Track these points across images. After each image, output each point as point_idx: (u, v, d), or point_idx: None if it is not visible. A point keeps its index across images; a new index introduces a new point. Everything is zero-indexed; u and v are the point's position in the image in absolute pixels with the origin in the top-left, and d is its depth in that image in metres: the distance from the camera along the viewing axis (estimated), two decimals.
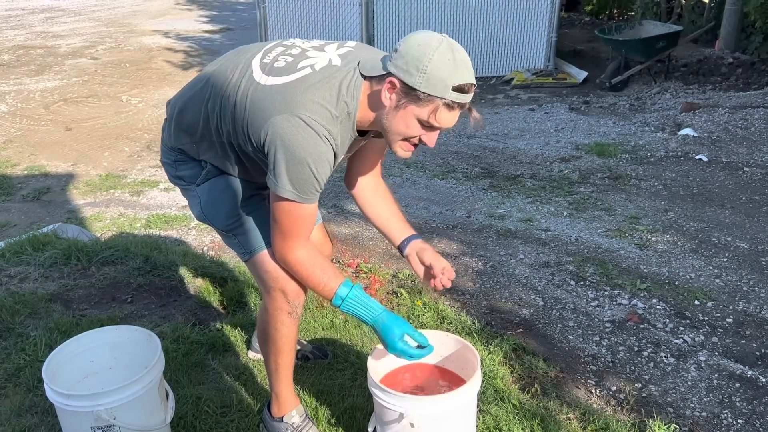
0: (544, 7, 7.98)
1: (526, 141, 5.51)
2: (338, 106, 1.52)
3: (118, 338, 1.90)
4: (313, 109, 1.49)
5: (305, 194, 1.53)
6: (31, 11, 12.91)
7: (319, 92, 1.51)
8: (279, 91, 1.52)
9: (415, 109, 1.47)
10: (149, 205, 4.24)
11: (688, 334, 2.55)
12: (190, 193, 1.82)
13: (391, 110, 1.50)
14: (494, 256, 3.24)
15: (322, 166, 1.51)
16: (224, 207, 1.76)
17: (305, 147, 1.48)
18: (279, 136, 1.48)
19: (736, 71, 7.42)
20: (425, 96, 1.45)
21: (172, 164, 1.80)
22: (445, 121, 1.49)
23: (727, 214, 3.77)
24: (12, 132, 5.89)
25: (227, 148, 1.66)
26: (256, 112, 1.53)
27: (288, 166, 1.49)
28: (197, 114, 1.68)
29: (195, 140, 1.71)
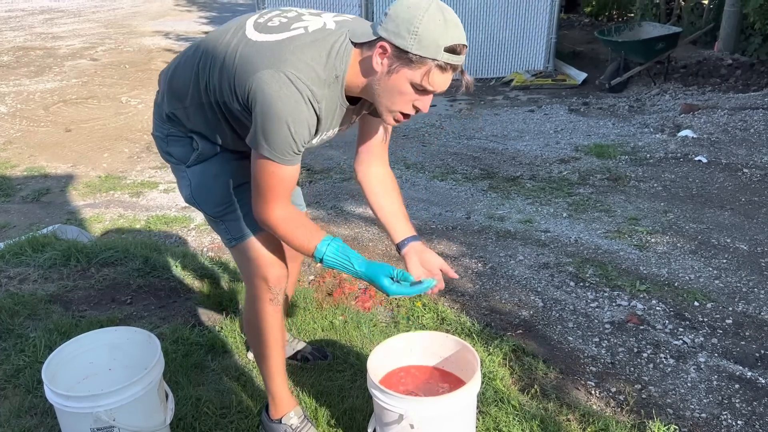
0: (543, 8, 7.98)
1: (526, 142, 5.51)
2: (326, 68, 1.49)
3: (117, 339, 1.90)
4: (300, 68, 1.46)
5: (282, 154, 1.50)
6: (31, 12, 12.91)
7: (308, 52, 1.49)
8: (269, 47, 1.51)
9: (408, 73, 1.45)
10: (149, 206, 4.24)
11: (688, 335, 2.55)
12: (180, 173, 1.80)
13: (383, 76, 1.47)
14: (494, 258, 3.24)
15: (301, 127, 1.48)
16: (215, 193, 1.76)
17: (286, 105, 1.45)
18: (262, 91, 1.46)
19: (736, 73, 7.43)
20: (417, 58, 1.42)
21: (164, 139, 1.78)
22: (439, 83, 1.47)
23: (727, 215, 3.77)
24: (11, 133, 5.89)
25: (215, 110, 1.64)
26: (244, 66, 1.51)
27: (266, 123, 1.47)
28: (188, 77, 1.67)
29: (185, 105, 1.69)
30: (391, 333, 2.48)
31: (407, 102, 1.50)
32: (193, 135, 1.73)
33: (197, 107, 1.66)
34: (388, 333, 2.49)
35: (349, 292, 2.82)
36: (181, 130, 1.74)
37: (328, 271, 3.02)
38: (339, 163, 5.04)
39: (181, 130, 1.74)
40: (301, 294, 2.74)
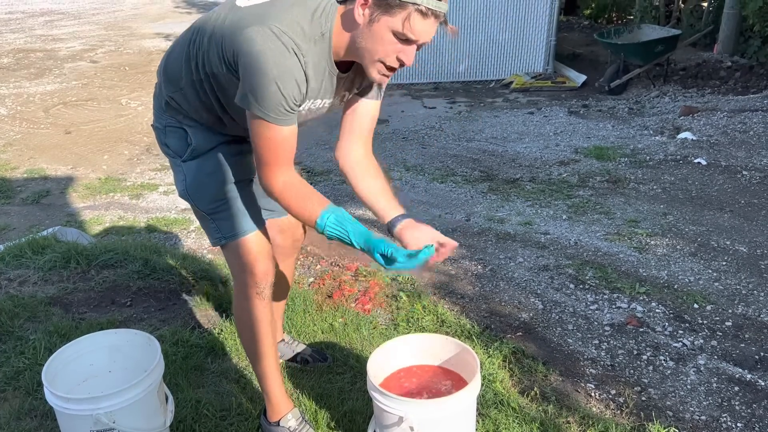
0: (543, 11, 7.99)
1: (525, 144, 5.52)
2: (312, 25, 1.48)
3: (117, 341, 1.90)
4: (285, 23, 1.45)
5: (272, 112, 1.48)
6: (31, 15, 12.93)
7: (294, 10, 1.49)
8: (255, 10, 1.51)
9: (389, 20, 1.42)
10: (149, 208, 4.24)
11: (688, 337, 2.55)
12: (176, 167, 1.80)
13: (365, 27, 1.45)
14: (493, 260, 3.24)
15: (289, 83, 1.45)
16: (209, 190, 1.76)
17: (271, 58, 1.43)
18: (247, 46, 1.45)
19: (735, 75, 7.44)
20: (397, 3, 1.39)
21: (163, 130, 1.78)
22: (420, 31, 1.43)
23: (726, 217, 3.78)
24: (11, 135, 5.89)
25: (206, 87, 1.63)
26: (232, 29, 1.51)
27: (252, 78, 1.46)
28: (180, 59, 1.67)
29: (180, 87, 1.68)
30: (391, 335, 2.48)
31: (390, 53, 1.47)
32: (187, 127, 1.73)
33: (191, 87, 1.66)
34: (388, 335, 2.49)
35: (348, 294, 2.82)
36: (178, 119, 1.74)
37: (328, 274, 3.02)
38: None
39: (178, 119, 1.73)
40: (301, 296, 2.74)
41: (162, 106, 1.76)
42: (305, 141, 5.74)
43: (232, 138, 1.77)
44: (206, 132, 1.72)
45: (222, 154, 1.75)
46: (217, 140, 1.73)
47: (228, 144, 1.77)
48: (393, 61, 1.49)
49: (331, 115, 1.82)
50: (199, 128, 1.72)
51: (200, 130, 1.72)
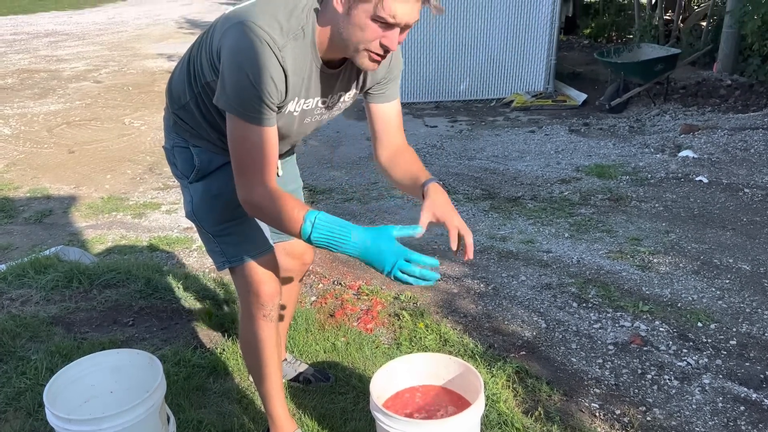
0: (543, 30, 8.06)
1: (527, 163, 5.53)
2: (291, 20, 1.46)
3: (119, 362, 1.89)
4: (261, 18, 1.43)
5: (246, 108, 1.45)
6: (36, 35, 13.05)
7: (273, 6, 1.48)
8: (239, 10, 1.51)
9: (366, 7, 1.38)
10: (151, 228, 4.25)
11: (692, 356, 2.54)
12: (183, 188, 1.81)
13: (344, 16, 1.42)
14: (496, 278, 3.23)
15: (262, 76, 1.42)
16: (216, 211, 1.75)
17: (244, 51, 1.42)
18: (225, 44, 1.45)
19: (735, 93, 7.47)
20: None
21: (171, 150, 1.79)
22: (400, 13, 1.38)
23: (729, 235, 3.77)
24: (15, 155, 5.92)
25: (204, 99, 1.62)
26: (217, 33, 1.51)
27: (226, 74, 1.45)
28: (183, 74, 1.68)
29: (183, 103, 1.69)
30: (394, 354, 2.47)
31: (372, 40, 1.43)
32: (193, 146, 1.73)
33: (193, 102, 1.67)
34: (391, 355, 2.48)
35: (351, 313, 2.81)
36: (185, 138, 1.74)
37: (330, 292, 3.02)
38: (341, 184, 5.05)
39: (185, 137, 1.74)
40: (303, 315, 2.73)
41: (170, 126, 1.77)
42: (307, 160, 5.77)
43: None
44: (212, 152, 1.72)
45: (228, 175, 1.74)
46: (222, 160, 1.73)
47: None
48: (377, 47, 1.45)
49: (333, 135, 1.82)
50: (205, 148, 1.72)
51: (206, 151, 1.72)
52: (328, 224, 1.47)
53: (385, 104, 1.75)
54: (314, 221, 1.47)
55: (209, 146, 1.71)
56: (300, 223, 1.47)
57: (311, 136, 6.27)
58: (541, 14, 7.98)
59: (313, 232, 1.47)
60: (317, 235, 1.47)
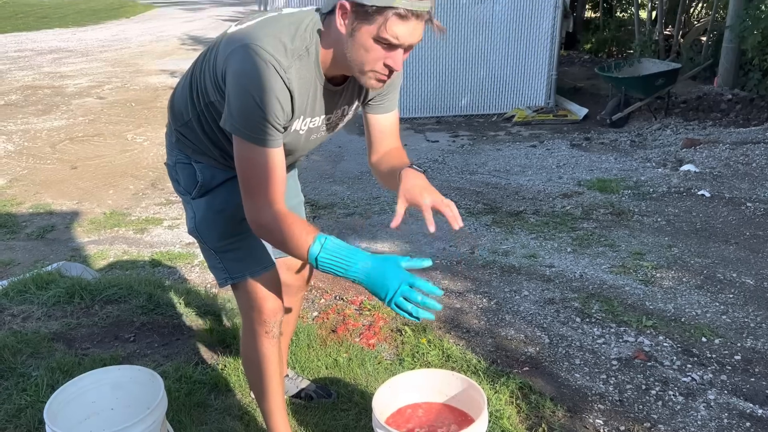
0: (543, 45, 8.11)
1: (528, 177, 5.53)
2: (295, 39, 1.46)
3: (120, 378, 1.89)
4: (265, 40, 1.44)
5: (252, 131, 1.45)
6: (40, 52, 13.14)
7: (276, 26, 1.48)
8: (243, 31, 1.51)
9: (369, 28, 1.38)
10: (153, 243, 4.25)
11: (696, 371, 2.52)
12: (186, 204, 1.81)
13: (348, 38, 1.42)
14: (499, 293, 3.22)
15: (268, 98, 1.42)
16: (218, 227, 1.75)
17: (250, 74, 1.42)
18: (230, 66, 1.45)
19: (736, 107, 7.49)
20: (374, 9, 1.36)
21: (174, 166, 1.79)
22: (402, 34, 1.39)
23: (732, 249, 3.76)
24: (18, 171, 5.94)
25: (207, 117, 1.63)
26: (221, 54, 1.51)
27: (232, 97, 1.45)
28: (185, 92, 1.68)
29: (186, 120, 1.69)
30: (396, 370, 2.45)
31: (376, 60, 1.43)
32: (195, 162, 1.73)
33: (196, 120, 1.67)
34: (393, 371, 2.46)
35: (353, 329, 2.80)
36: (187, 154, 1.74)
37: (332, 307, 3.01)
38: (343, 198, 5.06)
39: (187, 153, 1.74)
40: (305, 330, 2.72)
41: (172, 142, 1.77)
42: (309, 174, 5.78)
43: None
44: (214, 168, 1.73)
45: (231, 191, 1.74)
46: (225, 176, 1.73)
47: (236, 180, 1.77)
48: (381, 68, 1.45)
49: (334, 150, 1.83)
50: (207, 164, 1.73)
51: (208, 167, 1.72)
52: (337, 247, 1.45)
53: (384, 115, 1.75)
54: (324, 243, 1.45)
55: (212, 162, 1.72)
56: (308, 245, 1.45)
57: (313, 151, 6.29)
58: (542, 30, 8.03)
59: (321, 253, 1.44)
60: (325, 256, 1.44)
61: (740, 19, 7.51)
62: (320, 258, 1.45)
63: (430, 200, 1.52)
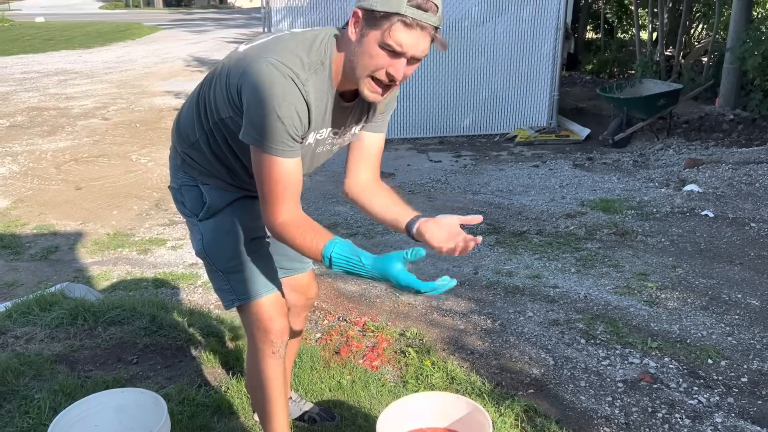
0: (545, 66, 8.17)
1: (531, 197, 5.54)
2: (311, 54, 1.51)
3: (123, 401, 1.88)
4: (283, 55, 1.48)
5: (273, 142, 1.49)
6: (46, 74, 13.27)
7: (292, 43, 1.53)
8: (255, 49, 1.55)
9: (375, 34, 1.44)
10: (156, 264, 4.25)
11: (703, 394, 2.50)
12: (192, 226, 1.81)
13: (356, 44, 1.48)
14: (503, 314, 3.21)
15: (289, 111, 1.47)
16: (227, 248, 1.76)
17: (269, 88, 1.45)
18: (247, 81, 1.48)
19: (738, 128, 7.51)
20: (381, 15, 1.42)
21: (179, 189, 1.80)
22: (406, 42, 1.43)
23: (736, 270, 3.75)
24: (23, 191, 5.97)
25: (216, 135, 1.65)
26: (234, 71, 1.54)
27: (253, 110, 1.48)
28: (191, 113, 1.71)
29: (192, 142, 1.71)
30: (400, 393, 2.44)
31: (379, 67, 1.47)
32: (202, 184, 1.74)
33: (203, 139, 1.69)
34: (397, 393, 2.45)
35: (356, 350, 2.79)
36: (193, 176, 1.75)
37: (335, 329, 3.00)
38: (346, 219, 5.06)
39: (193, 175, 1.75)
40: (308, 352, 2.71)
41: (177, 165, 1.79)
42: (312, 194, 5.80)
43: (247, 194, 1.78)
44: (222, 189, 1.74)
45: (238, 212, 1.76)
46: (232, 197, 1.74)
47: (243, 200, 1.78)
48: (382, 74, 1.49)
49: (338, 170, 1.84)
50: (214, 185, 1.74)
51: (216, 188, 1.74)
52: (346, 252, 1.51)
53: (373, 134, 1.78)
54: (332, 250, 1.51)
55: (219, 183, 1.73)
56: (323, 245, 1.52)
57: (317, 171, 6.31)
58: (544, 51, 8.10)
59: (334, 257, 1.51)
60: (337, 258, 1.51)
61: (741, 41, 7.56)
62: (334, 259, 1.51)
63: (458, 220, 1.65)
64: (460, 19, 7.80)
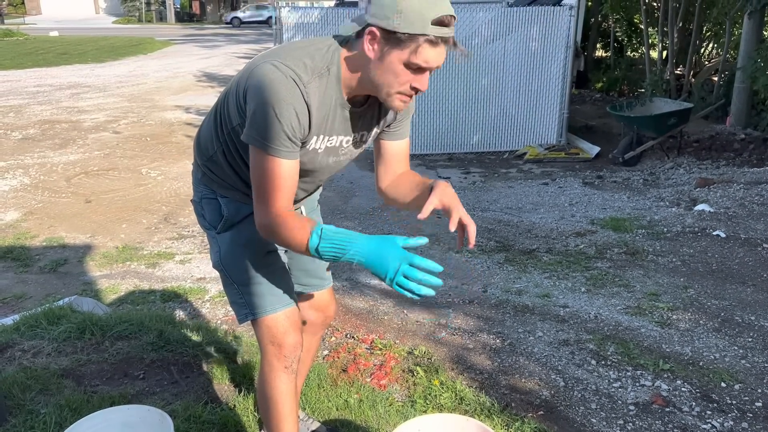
0: (555, 84, 8.18)
1: (541, 215, 5.51)
2: (315, 60, 1.52)
3: (130, 418, 1.86)
4: (287, 58, 1.50)
5: (271, 142, 1.49)
6: (59, 87, 13.41)
7: (298, 48, 1.55)
8: (262, 54, 1.57)
9: (399, 54, 1.45)
10: (164, 278, 4.25)
11: (716, 418, 2.46)
12: (211, 239, 1.82)
13: (377, 62, 1.48)
14: (512, 333, 3.18)
15: (286, 110, 1.47)
16: (244, 261, 1.76)
17: (269, 87, 1.47)
18: (251, 83, 1.50)
19: (749, 147, 7.48)
20: (406, 37, 1.42)
21: (199, 202, 1.82)
22: (432, 59, 1.46)
23: (749, 291, 3.70)
24: (33, 204, 6.00)
25: (230, 146, 1.66)
26: (242, 77, 1.57)
27: (253, 110, 1.49)
28: (210, 127, 1.73)
29: (211, 154, 1.73)
30: (408, 413, 2.41)
31: (404, 83, 1.50)
32: (221, 197, 1.75)
33: (220, 151, 1.70)
34: (405, 413, 2.42)
35: (364, 369, 2.76)
36: (212, 189, 1.77)
37: (343, 346, 2.97)
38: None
39: (212, 188, 1.77)
40: (315, 370, 2.68)
41: (198, 179, 1.81)
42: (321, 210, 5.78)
43: None
44: (239, 202, 1.75)
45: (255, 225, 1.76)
46: (249, 210, 1.74)
47: None
48: (408, 90, 1.52)
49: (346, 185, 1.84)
50: (232, 198, 1.75)
51: (233, 201, 1.75)
52: (334, 233, 1.50)
53: (398, 141, 1.80)
54: (321, 233, 1.50)
55: (237, 195, 1.74)
56: (308, 237, 1.50)
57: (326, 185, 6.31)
58: (553, 69, 8.11)
59: (321, 242, 1.49)
60: (324, 245, 1.49)
61: (752, 60, 7.55)
62: (321, 247, 1.49)
63: (462, 212, 1.60)
64: (470, 37, 7.83)
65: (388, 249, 1.47)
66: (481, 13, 7.90)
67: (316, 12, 7.91)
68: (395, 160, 1.81)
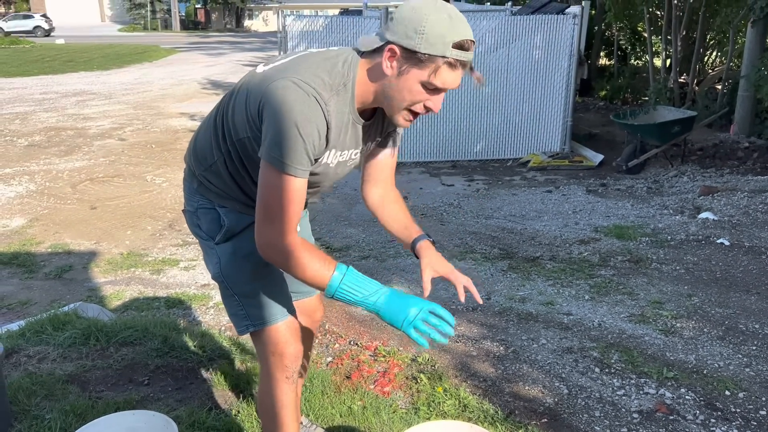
0: (558, 92, 8.20)
1: (544, 222, 5.52)
2: (332, 75, 1.52)
3: (135, 423, 1.87)
4: (305, 75, 1.49)
5: (291, 161, 1.47)
6: (64, 95, 13.49)
7: (314, 63, 1.54)
8: (275, 69, 1.55)
9: (418, 73, 1.47)
10: (169, 284, 4.26)
11: (721, 427, 2.45)
12: (208, 249, 1.79)
13: (394, 78, 1.49)
14: (516, 341, 3.18)
15: (310, 128, 1.46)
16: (245, 272, 1.74)
17: (293, 107, 1.45)
18: (269, 100, 1.48)
19: (753, 155, 7.48)
20: (426, 57, 1.44)
21: (195, 212, 1.78)
22: (449, 81, 1.49)
23: (753, 300, 3.70)
24: (39, 210, 6.03)
25: (234, 157, 1.65)
26: (255, 91, 1.54)
27: (274, 128, 1.47)
28: (208, 135, 1.70)
29: (210, 164, 1.70)
30: (412, 420, 2.41)
31: (418, 102, 1.52)
32: (219, 207, 1.73)
33: (221, 161, 1.68)
34: (408, 420, 2.42)
35: (367, 375, 2.77)
36: (209, 199, 1.74)
37: (346, 353, 2.98)
38: (358, 241, 5.06)
39: (209, 198, 1.74)
40: (319, 376, 2.69)
41: (193, 188, 1.77)
42: (324, 217, 5.81)
43: None
44: (239, 212, 1.73)
45: None
46: (249, 219, 1.73)
47: None
48: (420, 108, 1.54)
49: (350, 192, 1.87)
50: (231, 208, 1.73)
51: (233, 211, 1.73)
52: (357, 278, 1.55)
53: (387, 149, 1.82)
54: (343, 276, 1.53)
55: (236, 206, 1.72)
56: (329, 275, 1.53)
57: (329, 194, 6.33)
58: (557, 77, 8.14)
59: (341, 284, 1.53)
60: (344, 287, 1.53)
61: (756, 69, 7.56)
62: (341, 287, 1.53)
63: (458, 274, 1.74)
64: None
65: (410, 298, 1.56)
66: (484, 22, 7.94)
67: (321, 20, 7.96)
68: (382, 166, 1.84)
